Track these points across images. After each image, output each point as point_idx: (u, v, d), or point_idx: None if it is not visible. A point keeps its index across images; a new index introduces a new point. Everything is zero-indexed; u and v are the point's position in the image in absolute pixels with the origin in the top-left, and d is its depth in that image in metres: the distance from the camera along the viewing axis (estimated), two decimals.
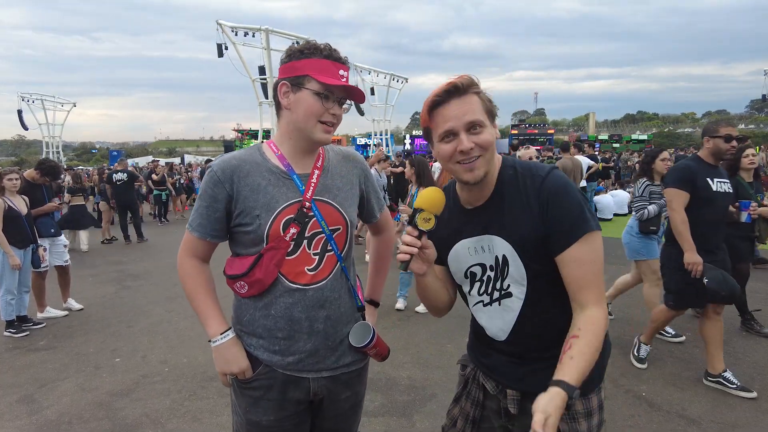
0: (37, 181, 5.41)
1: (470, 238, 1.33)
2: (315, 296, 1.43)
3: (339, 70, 1.38)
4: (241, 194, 1.39)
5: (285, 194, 1.41)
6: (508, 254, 1.28)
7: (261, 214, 1.38)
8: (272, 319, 1.43)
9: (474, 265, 1.35)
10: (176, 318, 5.19)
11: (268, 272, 1.40)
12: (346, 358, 1.51)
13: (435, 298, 1.42)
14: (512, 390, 1.35)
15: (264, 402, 1.45)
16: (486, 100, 1.24)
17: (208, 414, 3.20)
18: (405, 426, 3.01)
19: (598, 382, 1.34)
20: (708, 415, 3.02)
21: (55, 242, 5.38)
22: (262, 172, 1.41)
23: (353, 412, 1.61)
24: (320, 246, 1.45)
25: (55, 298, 5.52)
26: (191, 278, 1.48)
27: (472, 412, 1.45)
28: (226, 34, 21.13)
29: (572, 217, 1.21)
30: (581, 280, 1.22)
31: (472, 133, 1.21)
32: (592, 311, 1.21)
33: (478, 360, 1.46)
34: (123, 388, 3.61)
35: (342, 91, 1.40)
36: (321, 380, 1.48)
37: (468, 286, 1.40)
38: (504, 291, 1.32)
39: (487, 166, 1.24)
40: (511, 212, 1.26)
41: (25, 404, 3.42)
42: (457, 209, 1.37)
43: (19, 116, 34.68)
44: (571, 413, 1.29)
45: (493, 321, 1.37)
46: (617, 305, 5.16)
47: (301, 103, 1.37)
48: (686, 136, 52.89)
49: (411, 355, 4.02)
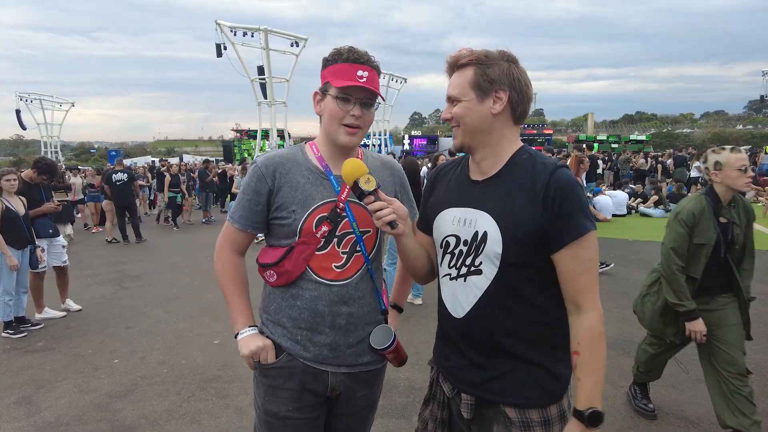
0: (34, 181, 5.40)
1: (460, 208, 1.35)
2: (339, 292, 1.48)
3: (357, 71, 1.41)
4: (281, 189, 1.47)
5: (321, 193, 1.48)
6: (490, 231, 1.27)
7: (297, 210, 1.45)
8: (297, 310, 1.49)
9: (450, 235, 1.36)
10: (175, 319, 5.18)
11: (297, 265, 1.47)
12: (365, 357, 1.55)
13: (415, 261, 1.47)
14: (467, 394, 1.35)
15: (283, 392, 1.50)
16: (480, 73, 1.27)
17: (206, 415, 3.19)
18: (404, 427, 3.00)
19: (559, 392, 1.32)
20: (707, 416, 3.01)
21: (53, 243, 5.36)
22: (302, 171, 1.49)
23: (368, 412, 1.65)
24: (349, 246, 1.50)
25: (53, 299, 5.51)
26: (229, 273, 1.56)
27: (440, 413, 1.46)
28: (224, 34, 21.07)
29: (577, 215, 1.23)
30: (579, 280, 1.23)
31: (452, 105, 1.31)
32: (589, 316, 1.24)
33: (439, 362, 1.47)
34: (121, 389, 3.61)
35: (361, 91, 1.42)
36: (339, 375, 1.52)
37: (440, 256, 1.41)
38: (474, 268, 1.31)
39: (462, 137, 1.32)
40: (511, 192, 1.27)
41: (23, 406, 3.41)
42: (462, 178, 1.40)
43: (17, 116, 34.58)
44: (526, 422, 1.28)
45: (455, 296, 1.36)
46: (615, 305, 5.16)
47: (326, 109, 1.46)
48: (684, 136, 52.97)
49: (410, 357, 3.94)
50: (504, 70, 1.26)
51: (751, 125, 58.77)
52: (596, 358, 1.22)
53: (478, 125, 1.28)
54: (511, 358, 1.30)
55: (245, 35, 21.74)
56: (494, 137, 1.30)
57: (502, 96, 1.26)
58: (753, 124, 59.89)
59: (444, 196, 1.41)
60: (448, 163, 1.53)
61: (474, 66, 1.27)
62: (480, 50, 1.29)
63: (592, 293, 1.24)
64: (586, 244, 1.23)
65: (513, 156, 1.31)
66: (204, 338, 4.49)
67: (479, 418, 1.35)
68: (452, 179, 1.43)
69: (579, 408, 1.22)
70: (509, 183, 1.28)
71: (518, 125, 1.32)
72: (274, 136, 22.81)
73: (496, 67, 1.26)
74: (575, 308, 1.25)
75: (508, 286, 1.28)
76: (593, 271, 1.25)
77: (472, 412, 1.34)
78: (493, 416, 1.32)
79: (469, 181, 1.37)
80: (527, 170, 1.27)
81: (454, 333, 1.38)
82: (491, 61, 1.27)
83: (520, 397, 1.29)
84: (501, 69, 1.26)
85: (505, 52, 1.29)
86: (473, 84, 1.26)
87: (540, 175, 1.24)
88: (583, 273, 1.23)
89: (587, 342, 1.23)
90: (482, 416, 1.34)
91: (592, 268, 1.25)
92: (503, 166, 1.31)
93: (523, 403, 1.29)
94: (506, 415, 1.29)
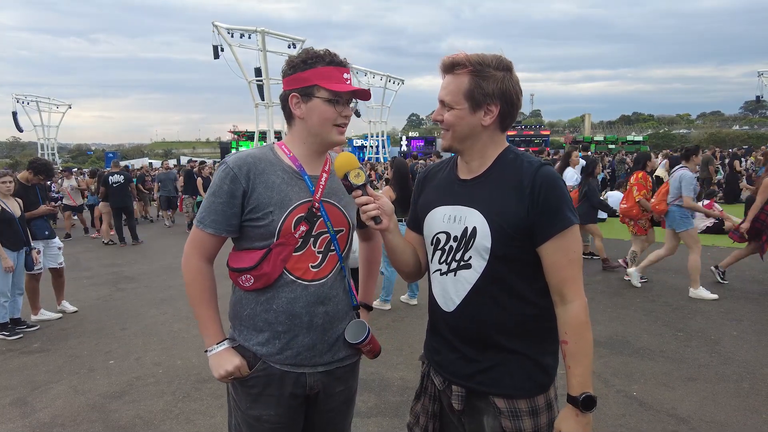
0: (31, 182, 5.40)
1: (450, 206, 1.39)
2: (316, 293, 1.49)
3: (342, 74, 1.45)
4: (255, 190, 1.44)
5: (297, 193, 1.47)
6: (479, 226, 1.31)
7: (274, 211, 1.44)
8: (273, 314, 1.47)
9: (440, 232, 1.40)
10: (170, 320, 5.19)
11: (275, 267, 1.45)
12: (340, 353, 1.56)
13: (401, 256, 1.49)
14: (457, 386, 1.38)
15: (264, 397, 1.49)
16: (475, 84, 1.27)
17: (201, 416, 3.21)
18: (398, 426, 3.02)
19: (547, 383, 1.36)
20: (698, 413, 3.05)
21: (49, 244, 5.36)
22: (277, 171, 1.48)
23: (346, 407, 1.66)
24: (324, 245, 1.51)
25: (49, 301, 5.51)
26: (197, 284, 1.50)
27: (431, 407, 1.48)
28: (221, 35, 21.12)
29: (562, 208, 1.27)
30: (564, 271, 1.27)
31: (443, 109, 1.34)
32: (574, 306, 1.28)
33: (430, 357, 1.51)
34: (117, 390, 3.61)
35: (349, 93, 1.47)
36: (317, 375, 1.52)
37: (431, 253, 1.45)
38: (464, 262, 1.34)
39: (450, 141, 1.37)
40: (499, 188, 1.32)
41: (18, 407, 3.42)
42: (452, 177, 1.44)
43: (14, 118, 34.53)
44: (514, 411, 1.32)
45: (445, 290, 1.39)
46: (609, 305, 5.19)
47: (315, 111, 1.44)
48: (681, 137, 53.16)
49: (404, 356, 4.03)
50: (498, 82, 1.28)
51: (747, 126, 58.98)
52: (583, 346, 1.27)
53: (467, 133, 1.33)
54: (500, 350, 1.33)
55: (242, 37, 21.79)
56: (482, 143, 1.36)
57: (494, 110, 1.30)
58: (749, 124, 60.09)
59: (434, 195, 1.45)
60: (437, 164, 1.56)
61: (470, 75, 1.28)
62: (476, 56, 1.29)
63: (576, 284, 1.28)
64: (570, 236, 1.28)
65: (500, 156, 1.36)
66: (199, 339, 4.46)
67: (470, 410, 1.37)
68: (442, 179, 1.47)
69: (572, 394, 1.25)
70: (497, 181, 1.34)
71: (505, 132, 1.39)
72: (272, 137, 22.82)
73: (491, 80, 1.27)
74: (560, 299, 1.29)
75: (496, 279, 1.31)
76: (577, 262, 1.29)
77: (462, 403, 1.37)
78: (483, 407, 1.35)
79: (458, 180, 1.41)
80: (514, 168, 1.32)
81: (445, 327, 1.41)
82: (486, 70, 1.27)
83: (510, 388, 1.32)
84: (495, 82, 1.27)
85: (501, 59, 1.30)
86: (467, 94, 1.29)
87: (526, 173, 1.29)
88: (568, 265, 1.27)
89: (574, 331, 1.27)
90: (473, 407, 1.37)
91: (576, 260, 1.29)
92: (491, 165, 1.36)
93: (513, 394, 1.32)
94: (495, 405, 1.32)
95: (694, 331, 4.41)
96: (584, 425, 1.25)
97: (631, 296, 5.54)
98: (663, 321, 4.72)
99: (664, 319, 4.76)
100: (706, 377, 3.54)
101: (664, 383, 3.47)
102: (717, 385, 3.42)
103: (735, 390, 3.34)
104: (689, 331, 4.42)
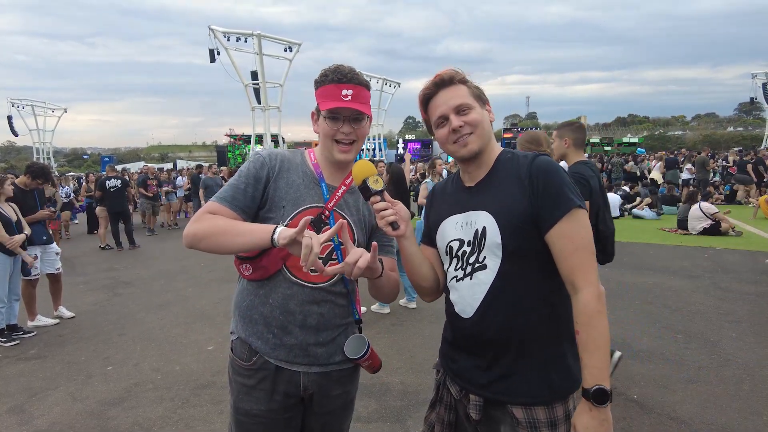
0: (29, 187, 5.37)
1: (460, 213, 1.43)
2: (311, 294, 1.51)
3: (342, 90, 1.46)
4: (278, 183, 1.51)
5: (312, 197, 1.53)
6: (488, 225, 1.34)
7: (286, 207, 1.49)
8: (269, 307, 1.51)
9: (453, 240, 1.42)
10: (169, 325, 5.15)
11: (273, 262, 1.48)
12: (337, 356, 1.56)
13: (420, 267, 1.49)
14: (475, 395, 1.37)
15: (256, 391, 1.51)
16: (473, 87, 1.40)
17: (200, 422, 3.19)
18: (398, 431, 3.01)
19: (565, 392, 1.33)
20: (698, 416, 3.05)
21: (46, 250, 5.33)
22: (299, 172, 1.55)
23: (344, 411, 1.66)
24: (326, 253, 1.53)
25: (46, 307, 5.48)
26: (219, 219, 1.41)
27: (447, 416, 1.47)
28: (218, 39, 21.09)
29: (563, 192, 1.28)
30: (572, 258, 1.26)
31: (461, 115, 1.37)
32: (584, 294, 1.25)
33: (446, 365, 1.49)
34: (115, 396, 3.59)
35: (347, 109, 1.47)
36: (311, 375, 1.53)
37: (447, 262, 1.46)
38: (479, 264, 1.36)
39: (479, 141, 1.38)
40: (502, 186, 1.36)
41: (16, 414, 3.38)
42: (458, 188, 1.49)
43: (8, 122, 34.40)
44: (533, 422, 1.30)
45: (462, 296, 1.39)
46: (612, 308, 5.18)
47: (320, 128, 1.53)
48: (676, 138, 53.43)
49: (404, 361, 4.02)
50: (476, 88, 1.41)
51: (742, 127, 59.36)
52: (595, 336, 1.22)
53: (488, 130, 1.41)
54: (518, 355, 1.32)
55: (238, 40, 21.77)
56: (492, 142, 1.43)
57: (489, 108, 1.44)
58: (743, 125, 60.46)
59: (443, 206, 1.50)
60: (442, 181, 1.65)
61: (464, 84, 1.40)
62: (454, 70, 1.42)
63: (586, 271, 1.25)
64: (575, 220, 1.26)
65: (498, 158, 1.43)
66: (198, 344, 4.47)
67: (487, 420, 1.36)
68: (448, 191, 1.53)
69: (585, 386, 1.23)
70: (499, 180, 1.38)
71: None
72: (268, 140, 22.80)
73: (472, 85, 1.41)
74: (572, 288, 1.27)
75: (512, 276, 1.31)
76: (585, 249, 1.27)
77: (480, 413, 1.36)
78: (501, 417, 1.34)
79: (464, 189, 1.46)
80: (512, 165, 1.37)
81: (463, 334, 1.41)
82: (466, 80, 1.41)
83: (528, 396, 1.31)
84: (476, 87, 1.42)
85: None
86: (474, 96, 1.39)
87: (523, 166, 1.34)
88: (575, 251, 1.25)
89: (584, 319, 1.24)
90: (490, 417, 1.36)
91: (584, 246, 1.27)
92: (491, 168, 1.41)
93: (530, 402, 1.31)
94: (513, 415, 1.31)
95: (693, 333, 4.42)
96: (600, 421, 1.20)
97: (631, 298, 5.55)
98: (662, 323, 4.73)
99: (664, 322, 4.77)
100: (706, 379, 3.55)
101: (664, 386, 3.47)
102: (717, 387, 3.43)
103: (735, 392, 3.35)
104: (689, 333, 4.43)
